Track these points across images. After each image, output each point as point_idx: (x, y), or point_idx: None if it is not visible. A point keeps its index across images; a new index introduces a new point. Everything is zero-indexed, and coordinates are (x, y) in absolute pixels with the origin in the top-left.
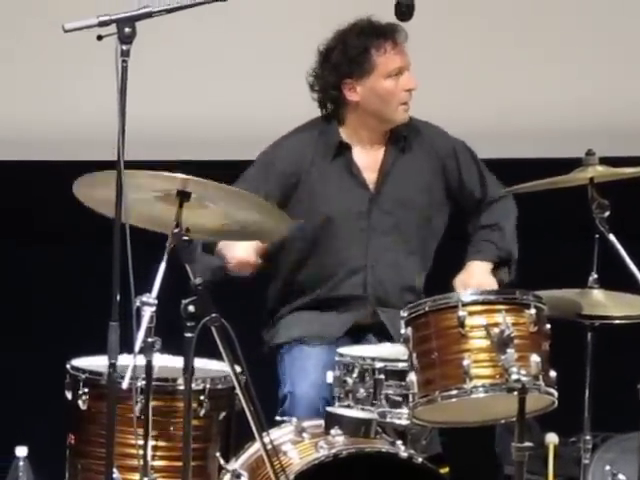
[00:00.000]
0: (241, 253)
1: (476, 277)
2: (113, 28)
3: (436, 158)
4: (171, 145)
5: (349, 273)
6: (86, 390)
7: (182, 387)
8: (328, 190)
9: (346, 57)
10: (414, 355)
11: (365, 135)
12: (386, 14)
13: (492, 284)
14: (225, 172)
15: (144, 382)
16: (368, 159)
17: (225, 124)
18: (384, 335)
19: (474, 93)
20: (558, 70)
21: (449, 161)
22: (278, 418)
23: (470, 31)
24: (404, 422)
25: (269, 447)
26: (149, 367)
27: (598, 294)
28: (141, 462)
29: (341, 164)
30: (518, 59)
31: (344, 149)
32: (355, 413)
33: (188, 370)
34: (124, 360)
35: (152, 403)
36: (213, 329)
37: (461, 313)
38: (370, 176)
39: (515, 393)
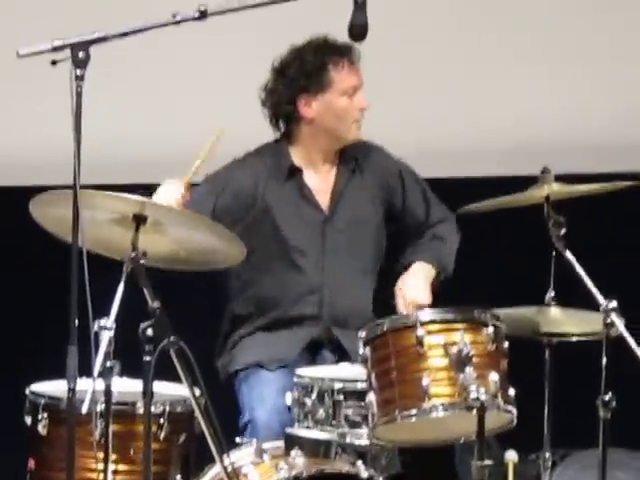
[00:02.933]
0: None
1: (417, 276)
2: (67, 52)
3: (383, 180)
4: (128, 167)
5: (305, 293)
6: (45, 415)
7: (142, 410)
8: (282, 213)
9: (303, 72)
10: (373, 375)
11: (316, 156)
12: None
13: (427, 289)
14: None
15: (103, 406)
16: (320, 181)
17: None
18: (339, 352)
19: (427, 111)
20: (512, 86)
21: (394, 183)
22: (238, 440)
23: (425, 46)
24: (364, 442)
25: (229, 469)
26: (108, 391)
27: (555, 311)
28: None
29: (293, 187)
30: (471, 75)
31: (295, 172)
32: (315, 434)
33: (147, 394)
34: (83, 384)
35: (112, 427)
36: (172, 352)
37: (419, 332)
38: (323, 198)
39: (474, 411)
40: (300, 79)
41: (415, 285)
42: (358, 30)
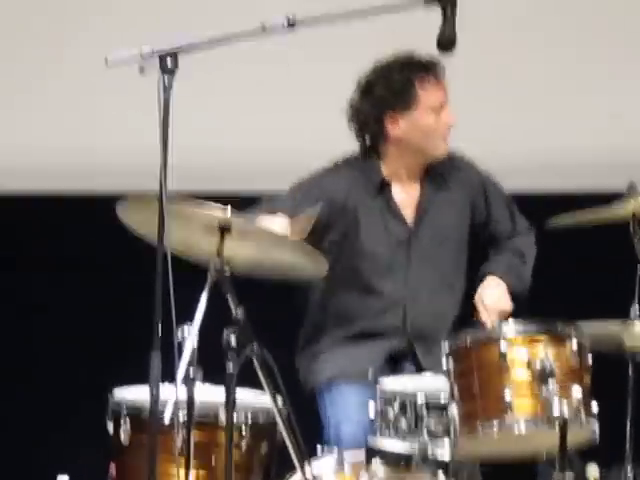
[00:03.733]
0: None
1: (495, 285)
2: (155, 60)
3: (468, 194)
4: (215, 177)
5: (387, 307)
6: (128, 422)
7: (224, 420)
8: (369, 226)
9: (390, 90)
10: (455, 387)
11: (403, 172)
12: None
13: (507, 296)
14: None
15: (185, 415)
16: (405, 196)
17: (269, 155)
18: (418, 365)
19: (508, 124)
20: (594, 99)
21: (478, 197)
22: (319, 447)
23: (507, 59)
24: (445, 454)
25: (310, 478)
26: (191, 401)
27: None
28: None
29: (381, 201)
30: (554, 89)
31: (385, 186)
32: (396, 445)
33: (229, 403)
34: (165, 390)
35: (193, 436)
36: (254, 360)
37: (502, 346)
38: (408, 212)
39: (557, 426)
40: (387, 97)
41: (495, 293)
42: (447, 42)
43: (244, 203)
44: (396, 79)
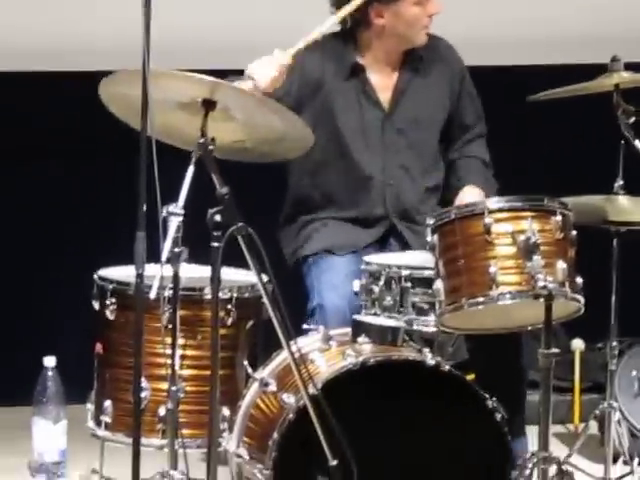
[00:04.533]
0: (269, 71)
1: (473, 192)
2: None
3: (448, 79)
4: (197, 55)
5: (369, 189)
6: (114, 300)
7: (209, 296)
8: (343, 106)
9: None
10: (440, 262)
11: (382, 57)
12: None
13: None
14: None
15: (171, 292)
16: (383, 80)
17: (253, 32)
18: (405, 246)
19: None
20: None
21: (455, 83)
22: (305, 326)
23: None
24: (431, 329)
25: (296, 355)
26: (176, 277)
27: (624, 200)
28: (169, 371)
29: (355, 84)
30: None
31: (358, 70)
32: (382, 321)
33: (215, 279)
34: (151, 270)
35: (179, 312)
36: (239, 238)
37: (487, 220)
38: (384, 96)
39: (541, 300)
40: None
41: (474, 196)
42: None
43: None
44: None
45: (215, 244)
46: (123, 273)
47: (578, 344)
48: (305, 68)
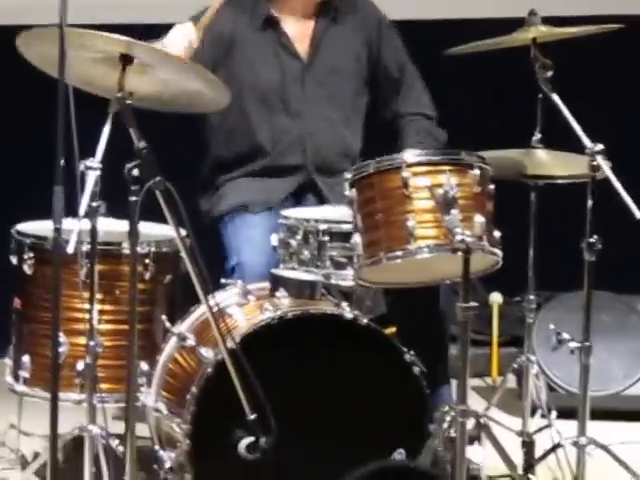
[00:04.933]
0: (178, 46)
1: None
2: None
3: (364, 29)
4: (114, 8)
5: (287, 142)
6: (31, 255)
7: (127, 251)
8: (260, 59)
9: None
10: (358, 217)
11: (298, 7)
12: None
13: None
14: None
15: (89, 246)
16: (299, 30)
17: None
18: (323, 200)
19: None
20: None
21: (373, 34)
22: (223, 281)
23: None
24: (349, 283)
25: (214, 309)
26: (94, 231)
27: (542, 154)
28: (87, 326)
29: (271, 36)
30: None
31: (273, 22)
32: (300, 275)
33: (133, 234)
34: (69, 224)
35: (97, 267)
36: (157, 193)
37: (405, 174)
38: (301, 47)
39: (459, 253)
40: None
41: None
42: None
43: (144, 34)
44: None
45: (133, 198)
46: (41, 227)
47: (496, 297)
48: (216, 26)
